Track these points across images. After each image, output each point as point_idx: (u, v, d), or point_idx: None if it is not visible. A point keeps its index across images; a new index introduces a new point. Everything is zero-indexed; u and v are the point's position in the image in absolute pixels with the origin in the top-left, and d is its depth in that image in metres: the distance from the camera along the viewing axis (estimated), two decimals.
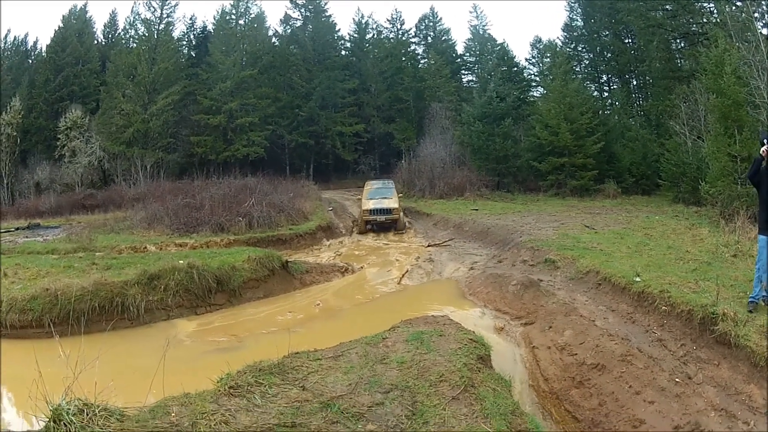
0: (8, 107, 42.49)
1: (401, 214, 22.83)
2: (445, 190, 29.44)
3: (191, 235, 18.31)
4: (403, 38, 52.31)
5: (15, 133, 42.80)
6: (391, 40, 51.26)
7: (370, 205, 22.42)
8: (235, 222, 19.36)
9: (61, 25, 48.23)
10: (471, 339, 7.66)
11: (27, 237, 20.37)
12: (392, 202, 22.50)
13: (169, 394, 5.01)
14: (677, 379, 6.86)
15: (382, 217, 21.91)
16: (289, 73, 46.42)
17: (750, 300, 7.46)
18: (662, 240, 14.14)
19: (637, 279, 9.45)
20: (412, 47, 52.65)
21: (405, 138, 42.95)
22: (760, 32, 20.60)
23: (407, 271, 14.67)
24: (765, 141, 7.39)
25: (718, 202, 17.52)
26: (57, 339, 7.09)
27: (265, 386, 5.51)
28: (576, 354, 8.03)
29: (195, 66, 45.99)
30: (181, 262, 11.76)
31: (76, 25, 48.70)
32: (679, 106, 24.07)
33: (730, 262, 10.98)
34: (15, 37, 52.94)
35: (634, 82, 39.15)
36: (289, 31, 49.70)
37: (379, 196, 23.32)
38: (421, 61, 51.21)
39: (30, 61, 50.04)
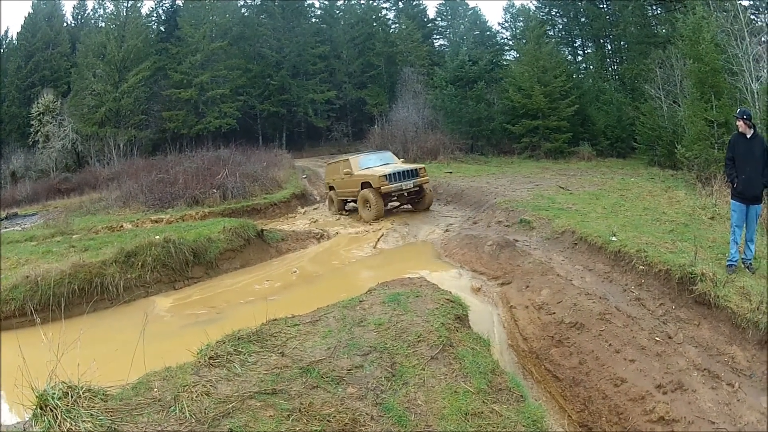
0: None
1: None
2: (418, 154, 29.19)
3: (166, 210, 18.34)
4: (374, 3, 51.56)
5: None
6: (362, 5, 50.42)
7: (386, 170, 16.25)
8: (210, 194, 19.35)
9: (31, 11, 47.76)
10: (448, 299, 7.69)
11: (6, 227, 20.43)
12: (410, 165, 17.24)
13: (151, 369, 5.02)
14: (657, 338, 6.91)
15: (409, 183, 16.03)
16: (259, 43, 45.76)
17: (728, 263, 7.54)
18: (638, 201, 14.23)
19: (614, 239, 9.50)
20: (383, 12, 52.02)
21: (377, 103, 42.76)
22: (739, 3, 20.59)
23: (382, 235, 14.58)
24: (743, 116, 7.49)
25: (694, 165, 17.69)
26: (39, 324, 7.03)
27: (244, 355, 5.54)
28: (554, 313, 8.06)
29: (165, 41, 45.29)
30: (157, 237, 11.70)
31: (45, 9, 48.20)
32: (654, 71, 24.14)
33: (707, 224, 11.10)
34: None
35: (609, 47, 39.15)
36: (258, 0, 48.69)
37: (381, 163, 17.80)
38: (393, 26, 50.84)
39: (0, 51, 49.04)
